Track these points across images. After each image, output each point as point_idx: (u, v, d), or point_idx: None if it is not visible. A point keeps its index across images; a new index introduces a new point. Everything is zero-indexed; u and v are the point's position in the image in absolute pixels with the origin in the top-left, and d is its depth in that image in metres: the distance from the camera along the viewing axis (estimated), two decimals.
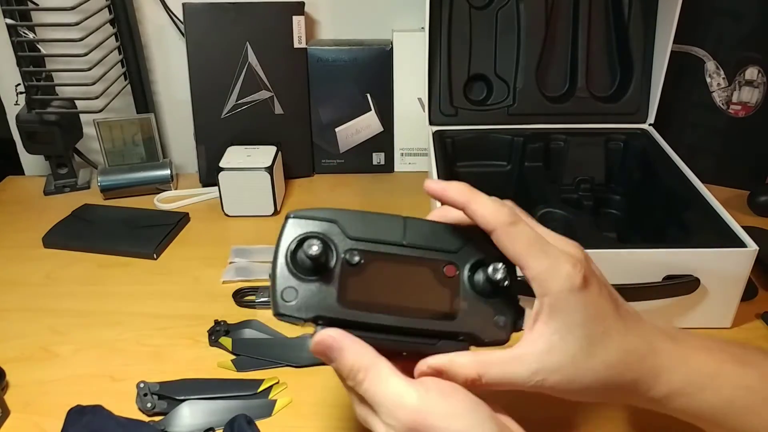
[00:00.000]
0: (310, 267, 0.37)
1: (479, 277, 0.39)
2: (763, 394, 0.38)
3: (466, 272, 0.40)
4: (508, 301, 0.40)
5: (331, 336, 0.37)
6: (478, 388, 0.37)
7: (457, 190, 0.40)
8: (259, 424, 0.55)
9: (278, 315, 0.37)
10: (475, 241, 0.40)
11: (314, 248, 0.36)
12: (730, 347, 0.40)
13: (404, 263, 0.39)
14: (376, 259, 0.39)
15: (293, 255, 0.38)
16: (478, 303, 0.39)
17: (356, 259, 0.38)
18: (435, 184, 0.41)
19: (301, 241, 0.38)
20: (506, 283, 0.38)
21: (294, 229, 0.39)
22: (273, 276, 0.38)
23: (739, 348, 0.40)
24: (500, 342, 0.39)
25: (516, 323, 0.40)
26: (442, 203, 0.41)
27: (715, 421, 0.38)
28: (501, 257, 0.38)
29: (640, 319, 0.39)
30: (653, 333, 0.38)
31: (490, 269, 0.38)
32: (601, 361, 0.36)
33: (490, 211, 0.38)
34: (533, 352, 0.36)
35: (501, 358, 0.37)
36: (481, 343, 0.39)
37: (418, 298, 0.39)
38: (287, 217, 0.39)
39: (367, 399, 0.36)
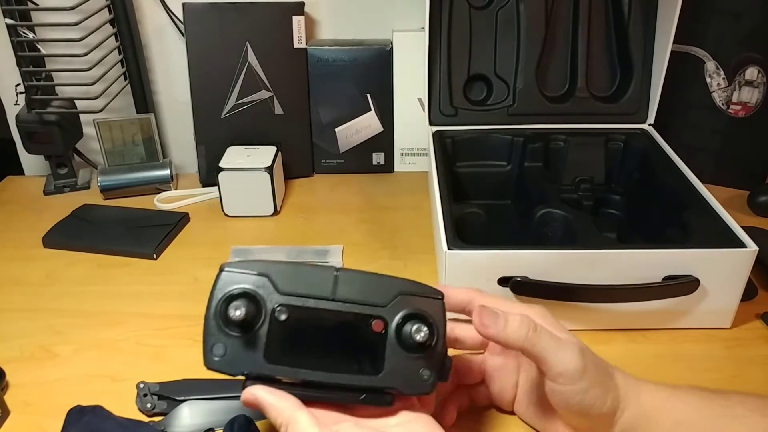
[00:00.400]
0: (238, 324, 0.39)
1: (407, 331, 0.40)
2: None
3: (393, 326, 0.40)
4: (434, 353, 0.41)
5: (253, 394, 0.40)
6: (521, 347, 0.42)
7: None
8: (259, 424, 0.55)
9: (208, 368, 0.39)
10: (406, 294, 0.41)
11: (238, 312, 0.38)
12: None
13: (331, 318, 0.40)
14: (304, 315, 0.40)
15: (224, 311, 0.39)
16: (404, 358, 0.40)
17: (283, 316, 0.39)
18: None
19: (230, 299, 0.39)
20: (432, 341, 0.40)
21: (225, 284, 0.40)
22: (204, 330, 0.40)
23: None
24: (424, 394, 0.41)
25: (441, 375, 0.41)
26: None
27: None
28: (429, 312, 0.40)
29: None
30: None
31: (414, 327, 0.39)
32: (605, 388, 0.44)
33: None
34: (576, 358, 0.42)
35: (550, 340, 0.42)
36: (405, 394, 0.41)
37: (344, 354, 0.40)
38: (221, 270, 0.40)
39: None
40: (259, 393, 0.40)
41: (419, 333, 0.39)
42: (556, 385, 0.42)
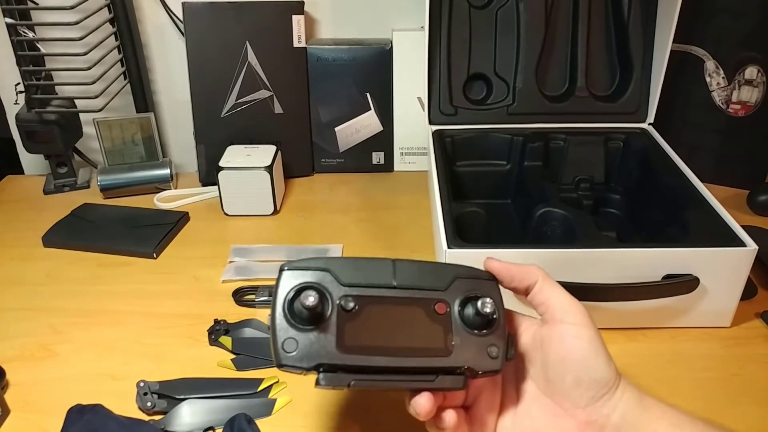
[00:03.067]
0: (308, 317, 0.39)
1: (469, 311, 0.41)
2: None
3: (456, 308, 0.41)
4: (498, 332, 0.41)
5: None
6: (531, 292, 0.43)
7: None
8: (259, 423, 0.55)
9: (281, 366, 0.38)
10: (462, 277, 0.42)
11: (311, 299, 0.37)
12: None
13: (396, 305, 0.41)
14: (370, 303, 0.40)
15: (290, 306, 0.39)
16: (470, 336, 0.41)
17: (351, 305, 0.40)
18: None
19: (298, 292, 0.39)
20: (495, 315, 0.40)
21: (289, 281, 0.40)
22: (273, 328, 0.39)
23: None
24: (494, 371, 0.41)
25: (508, 352, 0.42)
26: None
27: None
28: (487, 292, 0.41)
29: None
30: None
31: (479, 303, 0.40)
32: (607, 353, 0.42)
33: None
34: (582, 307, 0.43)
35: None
36: (476, 375, 0.41)
37: (413, 338, 0.40)
38: (281, 270, 0.41)
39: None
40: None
41: (485, 306, 0.40)
42: (562, 325, 0.42)
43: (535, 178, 0.81)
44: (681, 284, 0.62)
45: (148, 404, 0.57)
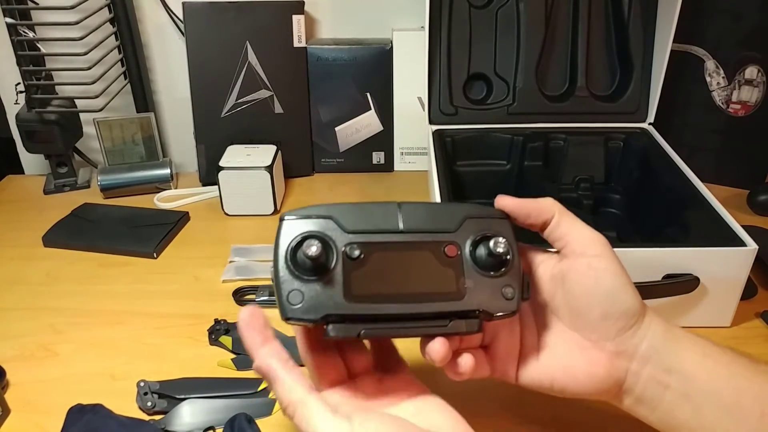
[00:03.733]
0: (312, 267, 0.37)
1: (481, 252, 0.39)
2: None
3: (467, 249, 0.39)
4: (513, 272, 0.39)
5: (268, 364, 0.37)
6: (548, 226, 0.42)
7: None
8: (260, 422, 0.55)
9: (287, 319, 0.37)
10: (473, 217, 0.40)
11: (313, 248, 0.36)
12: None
13: (405, 250, 0.39)
14: (377, 250, 0.38)
15: (293, 257, 0.38)
16: (484, 278, 0.39)
17: (356, 252, 0.38)
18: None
19: (300, 243, 0.37)
20: (508, 256, 0.39)
21: (290, 231, 0.38)
22: (276, 280, 0.38)
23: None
24: (510, 313, 0.39)
25: (524, 292, 0.40)
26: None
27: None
28: (499, 231, 0.39)
29: None
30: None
31: (492, 243, 0.38)
32: (632, 285, 0.41)
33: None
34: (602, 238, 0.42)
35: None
36: (491, 317, 0.39)
37: (423, 283, 0.38)
38: (281, 219, 0.39)
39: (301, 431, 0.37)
40: (274, 364, 0.37)
41: (498, 246, 0.38)
42: (584, 257, 0.40)
43: (535, 178, 0.81)
44: (681, 284, 0.62)
45: (149, 404, 0.57)
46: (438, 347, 0.38)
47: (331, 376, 0.42)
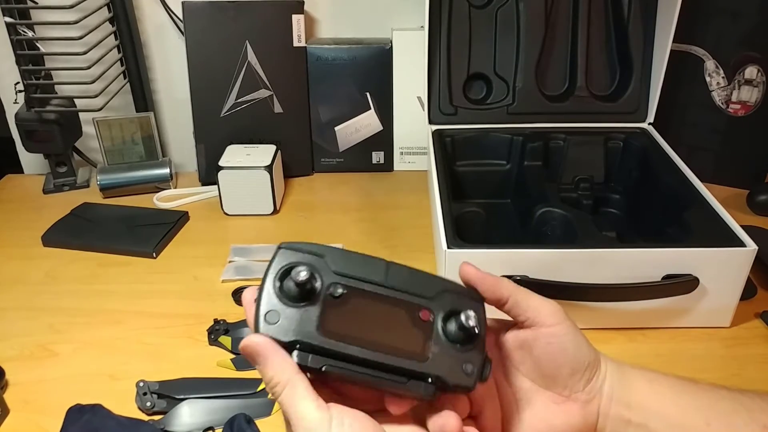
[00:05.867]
0: (296, 294, 0.39)
1: (452, 325, 0.41)
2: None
3: (440, 319, 0.42)
4: (477, 350, 0.42)
5: (258, 343, 0.38)
6: (503, 306, 0.43)
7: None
8: (259, 423, 0.55)
9: (258, 333, 0.39)
10: (451, 291, 0.43)
11: (302, 274, 0.38)
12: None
13: (383, 302, 0.41)
14: (358, 295, 0.41)
15: (281, 281, 0.40)
16: (449, 349, 0.41)
17: (339, 291, 0.40)
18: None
19: (290, 269, 0.40)
20: (476, 331, 0.41)
21: (284, 258, 0.41)
22: (259, 298, 0.40)
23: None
24: (466, 389, 0.41)
25: (483, 372, 0.42)
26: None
27: None
28: (473, 309, 0.41)
29: None
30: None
31: (463, 316, 0.41)
32: (582, 334, 0.44)
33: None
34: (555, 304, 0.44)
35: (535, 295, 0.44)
36: (447, 387, 0.41)
37: (393, 337, 0.41)
38: (279, 247, 0.42)
39: (282, 410, 0.38)
40: (264, 343, 0.38)
41: (469, 320, 0.40)
42: (545, 328, 0.43)
43: (535, 177, 0.81)
44: (681, 284, 0.62)
45: (148, 404, 0.57)
46: (453, 422, 0.40)
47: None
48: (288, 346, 0.39)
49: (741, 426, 0.42)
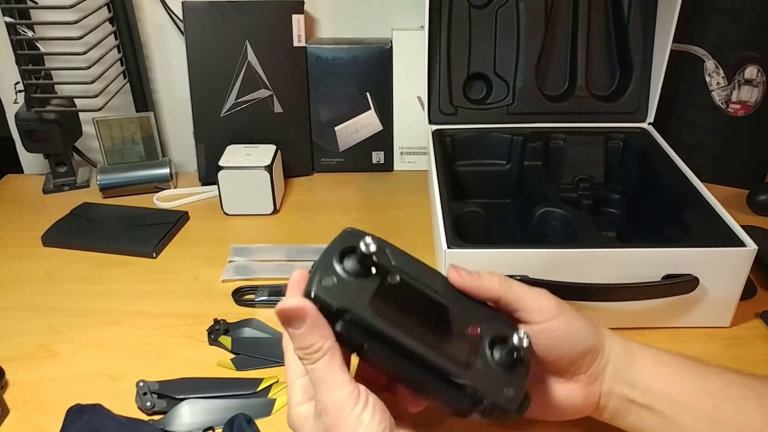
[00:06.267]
0: (355, 269, 0.39)
1: (499, 348, 0.41)
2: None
3: (488, 339, 0.42)
4: (521, 380, 0.41)
5: (305, 307, 0.38)
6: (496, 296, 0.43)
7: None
8: (259, 423, 0.55)
9: (310, 296, 0.38)
10: (501, 320, 0.43)
11: (371, 247, 0.38)
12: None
13: (435, 305, 0.42)
14: (413, 290, 0.41)
15: (343, 253, 0.40)
16: (493, 369, 0.41)
17: (396, 278, 0.40)
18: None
19: (355, 245, 0.39)
20: (524, 357, 0.41)
21: (348, 239, 0.41)
22: (319, 262, 0.39)
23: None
24: (503, 411, 0.40)
25: (523, 403, 0.41)
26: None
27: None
28: (525, 336, 0.41)
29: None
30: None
31: (515, 338, 0.40)
32: (584, 319, 0.45)
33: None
34: (549, 296, 0.44)
35: (523, 286, 0.44)
36: (484, 406, 0.40)
37: (440, 339, 0.40)
38: (345, 230, 0.41)
39: (310, 377, 0.39)
40: (310, 308, 0.38)
41: (522, 341, 0.40)
42: (538, 324, 0.43)
43: (535, 177, 0.81)
44: (681, 284, 0.62)
45: (148, 404, 0.57)
46: (413, 407, 0.42)
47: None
48: (334, 315, 0.38)
49: (749, 411, 0.42)
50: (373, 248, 0.38)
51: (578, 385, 0.45)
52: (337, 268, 0.39)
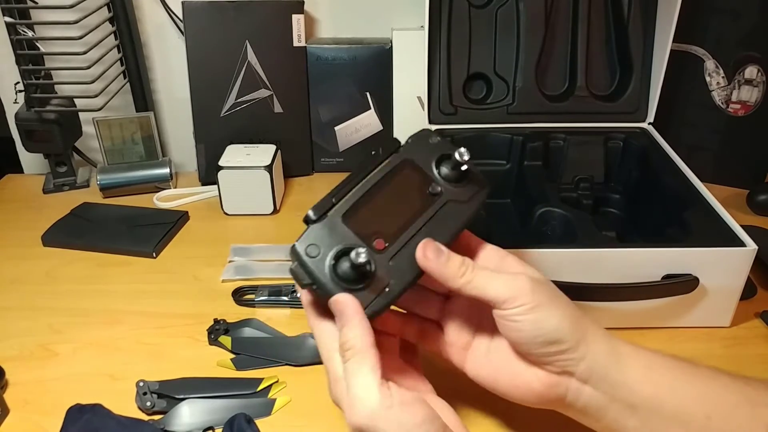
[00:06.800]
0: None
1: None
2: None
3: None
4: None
5: (346, 303, 0.40)
6: (457, 288, 0.43)
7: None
8: (259, 423, 0.55)
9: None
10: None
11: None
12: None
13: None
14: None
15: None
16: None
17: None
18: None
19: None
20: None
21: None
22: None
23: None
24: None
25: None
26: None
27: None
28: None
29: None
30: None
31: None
32: (561, 311, 0.43)
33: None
34: (523, 284, 0.43)
35: (491, 275, 0.43)
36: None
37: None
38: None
39: (345, 376, 0.40)
40: (355, 307, 0.40)
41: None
42: (505, 312, 0.42)
43: (535, 177, 0.81)
44: (681, 284, 0.62)
45: (148, 404, 0.57)
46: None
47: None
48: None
49: (743, 422, 0.40)
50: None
51: (543, 373, 0.43)
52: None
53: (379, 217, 0.44)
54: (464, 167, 0.46)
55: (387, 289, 0.42)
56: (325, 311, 0.43)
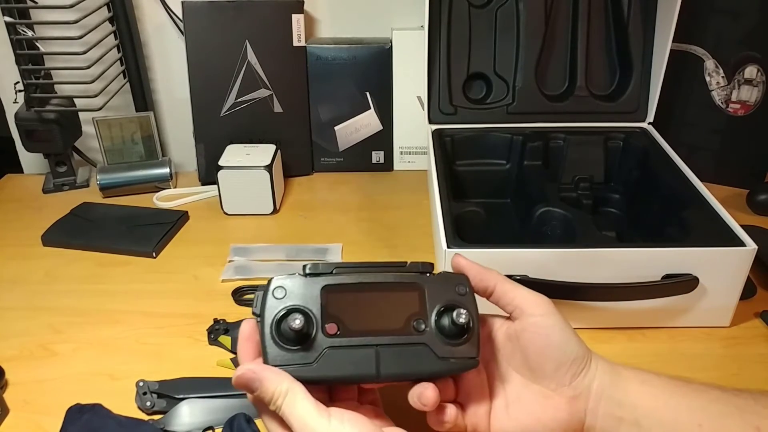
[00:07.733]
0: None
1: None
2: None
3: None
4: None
5: (251, 370, 0.41)
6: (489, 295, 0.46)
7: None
8: (259, 423, 0.55)
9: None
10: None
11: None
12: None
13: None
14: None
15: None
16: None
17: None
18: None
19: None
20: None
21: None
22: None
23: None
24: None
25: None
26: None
27: None
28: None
29: None
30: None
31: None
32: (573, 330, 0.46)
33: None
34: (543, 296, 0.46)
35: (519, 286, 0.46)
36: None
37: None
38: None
39: (285, 421, 0.40)
40: (256, 368, 0.41)
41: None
42: (532, 317, 0.45)
43: (535, 177, 0.81)
44: (681, 284, 0.62)
45: (148, 404, 0.57)
46: (429, 393, 0.43)
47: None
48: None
49: (733, 428, 0.42)
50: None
51: (563, 400, 0.45)
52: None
53: (353, 309, 0.44)
54: (461, 330, 0.44)
55: (313, 365, 0.42)
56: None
